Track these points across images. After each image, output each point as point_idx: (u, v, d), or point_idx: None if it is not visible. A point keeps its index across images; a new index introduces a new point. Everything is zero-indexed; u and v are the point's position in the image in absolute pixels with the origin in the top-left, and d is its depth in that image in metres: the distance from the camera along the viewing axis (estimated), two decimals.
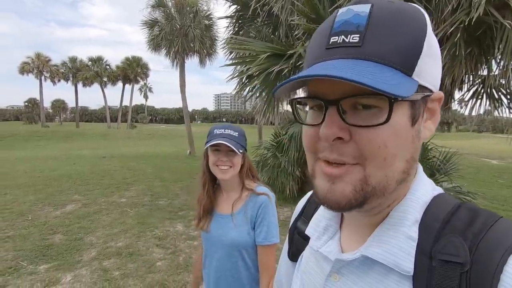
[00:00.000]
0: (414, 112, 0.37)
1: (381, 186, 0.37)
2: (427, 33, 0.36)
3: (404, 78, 0.35)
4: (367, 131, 0.35)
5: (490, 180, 9.30)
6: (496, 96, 3.84)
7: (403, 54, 0.35)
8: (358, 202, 0.38)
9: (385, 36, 0.35)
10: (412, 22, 0.36)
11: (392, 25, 0.35)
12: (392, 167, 0.37)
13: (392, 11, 0.36)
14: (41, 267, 3.35)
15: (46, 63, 39.47)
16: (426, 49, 0.36)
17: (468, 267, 0.34)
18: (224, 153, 1.24)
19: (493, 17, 2.52)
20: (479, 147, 20.01)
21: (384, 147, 0.35)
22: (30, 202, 5.78)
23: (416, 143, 0.39)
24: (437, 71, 0.39)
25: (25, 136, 26.38)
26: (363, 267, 0.42)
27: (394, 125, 0.35)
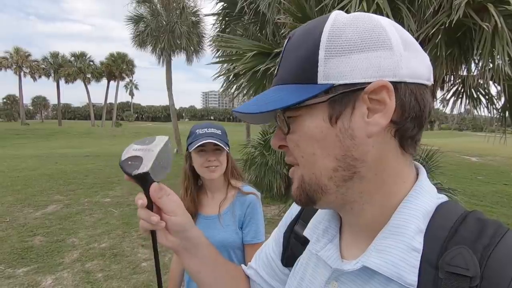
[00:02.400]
0: (332, 111, 0.39)
1: (313, 183, 0.42)
2: (320, 42, 0.38)
3: (298, 89, 0.39)
4: (288, 137, 0.43)
5: (470, 177, 9.65)
6: (475, 96, 3.97)
7: (299, 70, 0.40)
8: (305, 198, 0.43)
9: (287, 60, 0.42)
10: (304, 38, 0.41)
11: (293, 48, 0.42)
12: (316, 165, 0.41)
13: (299, 35, 0.42)
14: (19, 271, 3.24)
15: (26, 59, 38.08)
16: (325, 54, 0.38)
17: (478, 281, 0.33)
18: (211, 153, 1.23)
19: (472, 20, 2.60)
20: (460, 145, 20.72)
21: (297, 146, 0.42)
22: (8, 203, 5.56)
23: (347, 141, 0.39)
24: (369, 63, 0.37)
25: (3, 134, 25.32)
26: (363, 277, 0.41)
27: (303, 128, 0.41)
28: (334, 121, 0.39)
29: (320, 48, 0.38)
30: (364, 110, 0.38)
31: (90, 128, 36.56)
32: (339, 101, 0.38)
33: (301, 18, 3.19)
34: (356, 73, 0.37)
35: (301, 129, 0.41)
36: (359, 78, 0.37)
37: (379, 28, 0.39)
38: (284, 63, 0.43)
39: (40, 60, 40.50)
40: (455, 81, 4.11)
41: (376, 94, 0.37)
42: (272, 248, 0.64)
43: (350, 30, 0.38)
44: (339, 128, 0.39)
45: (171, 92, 13.98)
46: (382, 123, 0.38)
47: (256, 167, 6.01)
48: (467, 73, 3.54)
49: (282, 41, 3.94)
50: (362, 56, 0.37)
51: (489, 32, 2.52)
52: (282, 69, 0.43)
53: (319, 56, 0.38)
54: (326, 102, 0.38)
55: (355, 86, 0.38)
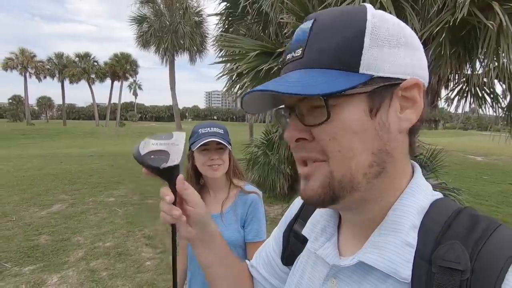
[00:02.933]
0: (372, 104, 0.38)
1: (347, 179, 0.39)
2: (366, 28, 0.37)
3: (343, 75, 0.37)
4: (319, 128, 0.39)
5: (475, 177, 9.56)
6: (480, 95, 3.94)
7: (340, 54, 0.37)
8: (329, 197, 0.40)
9: (320, 44, 0.39)
10: (347, 22, 0.38)
11: (327, 32, 0.39)
12: (353, 160, 0.38)
13: (330, 19, 0.39)
14: (26, 269, 3.27)
15: (31, 59, 38.41)
16: (369, 43, 0.37)
17: (468, 275, 0.34)
18: (214, 151, 1.24)
19: (477, 18, 2.58)
20: (464, 144, 20.54)
21: (334, 139, 0.38)
22: (15, 203, 5.62)
23: (384, 135, 0.39)
24: (404, 59, 0.38)
25: (9, 134, 25.59)
26: (361, 272, 0.42)
27: (340, 119, 0.38)
28: (374, 114, 0.38)
29: (366, 35, 0.37)
30: (397, 105, 0.40)
31: (94, 128, 36.81)
32: (378, 94, 0.38)
33: (304, 17, 3.18)
34: (395, 67, 0.38)
35: (341, 120, 0.38)
36: (396, 73, 0.38)
37: (407, 28, 0.41)
38: (316, 46, 0.39)
39: (45, 60, 40.84)
40: (459, 80, 4.08)
41: (407, 91, 0.39)
42: (272, 247, 0.65)
43: (389, 25, 0.39)
44: (377, 121, 0.38)
45: (175, 92, 14.04)
46: (413, 119, 0.40)
47: (259, 166, 6.02)
48: (471, 71, 3.52)
49: (285, 41, 3.94)
50: (401, 51, 0.39)
51: (494, 30, 2.50)
52: (312, 52, 0.39)
53: (365, 43, 0.37)
54: (367, 93, 0.38)
55: (393, 81, 0.38)
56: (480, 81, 3.50)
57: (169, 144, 0.50)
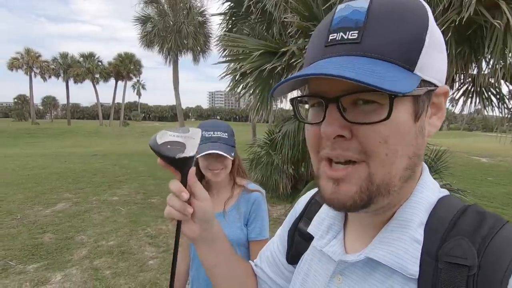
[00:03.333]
0: (417, 108, 0.36)
1: (385, 183, 0.37)
2: (428, 26, 0.35)
3: (405, 73, 0.34)
4: (368, 127, 0.35)
5: (480, 178, 9.47)
6: (486, 95, 3.89)
7: (404, 49, 0.34)
8: (364, 203, 0.37)
9: (384, 32, 0.34)
10: (412, 16, 0.35)
11: (391, 20, 0.35)
12: (395, 164, 0.36)
13: (391, 5, 0.35)
14: (30, 267, 3.30)
15: (36, 59, 38.74)
16: (428, 43, 0.35)
17: (475, 270, 0.33)
18: (214, 159, 1.21)
19: (483, 17, 2.55)
20: (469, 145, 20.36)
21: (385, 142, 0.35)
22: (19, 201, 5.67)
23: (420, 140, 0.38)
24: (441, 65, 0.38)
25: (14, 134, 25.85)
26: (367, 269, 0.42)
27: (395, 121, 0.35)
28: (418, 118, 0.37)
29: (428, 34, 0.35)
30: (429, 111, 0.39)
31: (98, 127, 37.04)
32: (423, 98, 0.37)
33: (308, 16, 3.18)
34: (436, 73, 0.38)
35: (395, 121, 0.35)
36: (436, 78, 0.38)
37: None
38: (376, 32, 0.34)
39: (50, 60, 41.17)
40: (465, 80, 4.04)
41: (437, 97, 0.39)
42: (277, 246, 0.64)
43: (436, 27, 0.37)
44: (418, 126, 0.37)
45: (178, 91, 14.09)
46: (438, 126, 0.40)
47: (262, 166, 6.01)
48: (477, 72, 3.48)
49: (288, 40, 3.93)
50: (440, 56, 0.38)
51: (501, 30, 2.47)
52: (374, 38, 0.34)
53: (425, 42, 0.35)
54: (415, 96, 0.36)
55: (433, 86, 0.38)
56: (486, 82, 3.46)
57: (186, 136, 0.51)
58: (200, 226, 0.54)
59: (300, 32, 3.46)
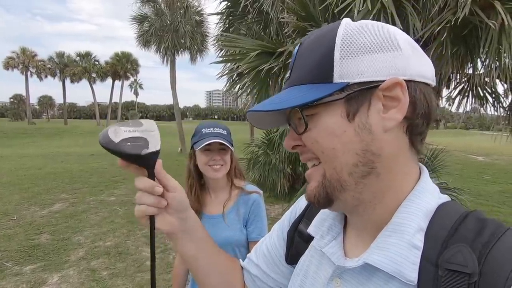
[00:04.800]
0: (349, 108, 0.40)
1: (334, 178, 0.42)
2: (335, 44, 0.41)
3: (314, 88, 0.41)
4: (304, 135, 0.43)
5: (476, 177, 9.54)
6: (481, 94, 3.92)
7: (315, 70, 0.42)
8: (324, 197, 0.43)
9: (302, 63, 0.44)
10: (319, 43, 0.43)
11: (306, 52, 0.44)
12: (337, 160, 0.41)
13: (310, 41, 0.45)
14: (26, 268, 3.28)
15: (32, 58, 38.44)
16: (340, 55, 0.40)
17: (476, 278, 0.33)
18: (216, 152, 1.24)
19: (478, 17, 2.56)
20: (466, 144, 20.49)
21: (316, 142, 0.42)
22: (16, 202, 5.64)
23: (365, 136, 0.40)
24: (384, 62, 0.40)
25: (10, 133, 25.65)
26: (365, 273, 0.42)
27: (319, 125, 0.42)
28: (352, 117, 0.40)
29: (335, 49, 0.41)
30: (380, 106, 0.40)
31: (95, 127, 36.86)
32: (356, 98, 0.40)
33: (304, 17, 3.18)
34: (371, 71, 0.40)
35: (320, 126, 0.42)
36: (373, 76, 0.40)
37: (387, 32, 0.42)
38: (298, 66, 0.45)
39: (46, 60, 40.85)
40: (461, 79, 4.07)
41: (390, 91, 0.40)
42: (274, 241, 0.64)
43: (363, 33, 0.41)
44: (357, 123, 0.40)
45: (175, 91, 14.03)
46: (398, 117, 0.40)
47: (259, 166, 6.02)
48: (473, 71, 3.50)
49: (285, 40, 3.93)
50: (374, 56, 0.40)
51: (496, 30, 2.48)
52: (296, 72, 0.45)
53: (335, 56, 0.40)
54: (343, 99, 0.40)
55: (370, 84, 0.40)
56: (481, 81, 3.48)
57: (143, 130, 0.48)
58: (178, 217, 0.53)
59: (297, 32, 3.45)
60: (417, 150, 0.44)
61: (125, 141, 0.46)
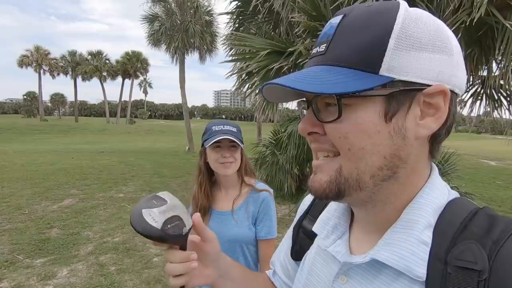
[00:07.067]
0: (388, 107, 0.37)
1: (353, 178, 0.39)
2: (393, 30, 0.36)
3: (359, 76, 0.36)
4: (331, 125, 0.39)
5: (488, 181, 9.32)
6: (495, 97, 3.83)
7: (363, 54, 0.37)
8: (334, 192, 0.40)
9: (345, 41, 0.38)
10: (375, 21, 0.37)
11: (354, 30, 0.38)
12: (363, 160, 0.38)
13: (359, 16, 0.38)
14: (37, 261, 3.35)
15: (45, 57, 39.27)
16: (393, 45, 0.36)
17: (486, 275, 0.33)
18: (226, 149, 1.25)
19: (494, 18, 2.50)
20: (478, 148, 20.06)
21: (344, 138, 0.38)
22: (28, 196, 5.77)
23: (397, 141, 0.38)
24: (429, 64, 0.37)
25: (23, 130, 26.28)
26: (372, 270, 0.42)
27: (353, 119, 0.38)
28: (389, 118, 0.37)
29: (392, 36, 0.36)
30: (418, 111, 0.38)
31: (105, 124, 37.44)
32: (397, 98, 0.37)
33: (315, 16, 3.16)
34: (419, 72, 0.37)
35: (353, 120, 0.38)
36: (420, 77, 0.37)
37: (443, 31, 0.38)
38: (340, 42, 0.38)
39: (59, 58, 41.70)
40: (474, 81, 3.98)
41: (432, 97, 0.38)
42: (286, 248, 0.65)
43: (421, 26, 0.37)
44: (392, 126, 0.37)
45: (184, 90, 14.15)
46: (433, 127, 0.38)
47: (267, 166, 6.01)
48: (487, 73, 3.42)
49: (296, 40, 3.92)
50: (427, 56, 0.37)
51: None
52: (337, 48, 0.39)
53: (389, 44, 0.36)
54: (383, 96, 0.37)
55: (414, 85, 0.37)
56: (496, 83, 3.40)
57: (173, 207, 0.48)
58: (214, 267, 0.55)
59: (307, 31, 3.44)
60: (433, 157, 0.43)
61: (166, 224, 0.46)
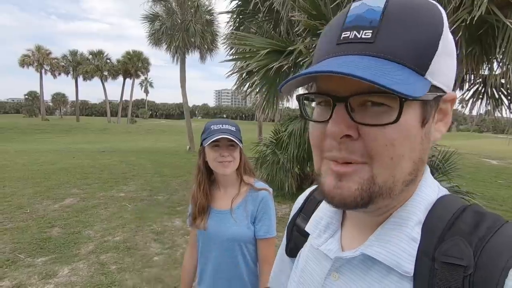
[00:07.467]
0: (425, 113, 0.36)
1: (387, 186, 0.36)
2: (443, 31, 0.35)
3: (416, 77, 0.34)
4: (375, 129, 0.34)
5: (489, 180, 9.30)
6: (496, 96, 3.82)
7: (417, 53, 0.34)
8: (364, 202, 0.37)
9: (399, 33, 0.34)
10: (428, 19, 0.35)
11: (407, 22, 0.34)
12: (399, 168, 0.36)
13: (408, 6, 0.35)
14: (38, 260, 3.36)
15: (47, 56, 39.36)
16: (441, 48, 0.35)
17: (471, 270, 0.33)
18: (225, 148, 1.25)
19: (495, 16, 2.49)
20: (479, 147, 20.00)
21: (392, 146, 0.34)
22: (29, 195, 5.79)
23: (425, 145, 0.38)
24: (451, 71, 0.38)
25: (25, 129, 26.35)
26: (363, 266, 0.42)
27: (403, 124, 0.34)
28: (424, 124, 0.36)
29: (441, 39, 0.35)
30: (436, 116, 0.39)
31: (106, 124, 37.52)
32: (431, 103, 0.37)
33: (315, 15, 3.16)
34: (446, 78, 0.37)
35: (402, 125, 0.34)
36: (445, 84, 0.37)
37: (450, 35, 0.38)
38: (392, 33, 0.34)
39: (60, 57, 41.79)
40: (475, 80, 3.97)
41: (444, 103, 0.39)
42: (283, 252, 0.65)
43: (448, 31, 0.36)
44: (425, 131, 0.37)
45: (185, 90, 14.15)
46: (443, 131, 0.40)
47: (267, 165, 6.01)
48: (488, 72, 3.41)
49: (296, 39, 3.91)
50: (451, 62, 0.37)
51: None
52: (388, 39, 0.34)
53: (439, 47, 0.35)
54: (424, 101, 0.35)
55: (441, 92, 0.37)
56: (497, 82, 3.39)
57: None
58: None
59: (307, 30, 3.43)
60: None
61: None
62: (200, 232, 1.32)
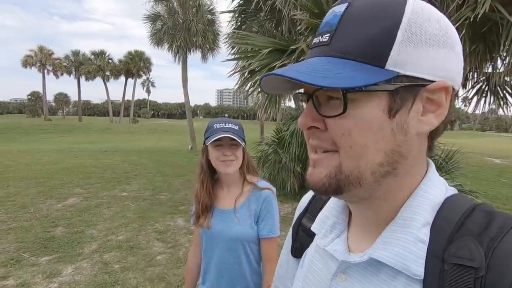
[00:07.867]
0: (394, 103, 0.36)
1: (354, 175, 0.38)
2: (401, 23, 0.35)
3: (364, 69, 0.35)
4: (333, 120, 0.38)
5: (493, 179, 9.25)
6: (500, 94, 3.80)
7: (369, 47, 0.36)
8: (333, 188, 0.39)
9: (350, 32, 0.37)
10: (383, 13, 0.36)
11: (360, 20, 0.36)
12: (364, 157, 0.37)
13: (367, 6, 0.37)
14: (42, 259, 3.39)
15: (49, 57, 39.55)
16: (402, 39, 0.35)
17: (483, 272, 0.32)
18: (227, 147, 1.24)
19: (499, 14, 2.48)
20: (482, 146, 19.90)
21: (348, 135, 0.37)
22: (32, 195, 5.82)
23: (399, 137, 0.37)
24: (438, 61, 0.36)
25: (28, 129, 26.50)
26: (371, 269, 0.41)
27: (359, 115, 0.36)
28: (393, 115, 0.36)
29: (400, 29, 0.35)
30: (420, 107, 0.38)
31: (108, 124, 37.65)
32: (401, 94, 0.36)
33: (317, 14, 3.15)
34: (424, 67, 0.36)
35: (357, 116, 0.36)
36: (424, 73, 0.36)
37: (449, 26, 0.38)
38: (345, 32, 0.37)
39: (62, 58, 41.97)
40: (478, 78, 3.95)
41: (434, 93, 0.37)
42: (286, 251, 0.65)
43: (430, 20, 0.36)
44: (396, 122, 0.37)
45: (187, 89, 14.17)
46: (434, 123, 0.38)
47: (269, 165, 6.01)
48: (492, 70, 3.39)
49: (298, 38, 3.90)
50: (434, 51, 0.36)
51: None
52: (342, 39, 0.37)
53: (397, 37, 0.35)
54: (388, 91, 0.36)
55: (418, 81, 0.36)
56: (501, 80, 3.37)
57: None
58: None
59: (309, 29, 3.43)
60: (431, 152, 0.43)
61: None
62: (203, 231, 1.32)
